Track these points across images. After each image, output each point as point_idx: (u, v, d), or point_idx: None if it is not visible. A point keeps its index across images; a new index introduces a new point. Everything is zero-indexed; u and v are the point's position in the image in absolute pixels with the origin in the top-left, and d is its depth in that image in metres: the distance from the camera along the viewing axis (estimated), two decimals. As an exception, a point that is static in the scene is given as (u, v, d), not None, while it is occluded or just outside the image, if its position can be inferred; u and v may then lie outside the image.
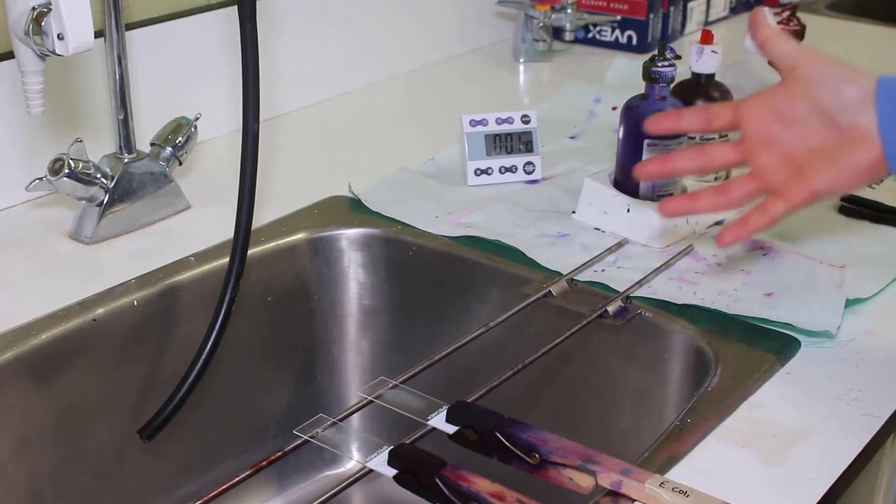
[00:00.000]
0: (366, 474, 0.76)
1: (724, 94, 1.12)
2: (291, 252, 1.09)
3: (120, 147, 1.06)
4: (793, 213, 0.85)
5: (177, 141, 1.09)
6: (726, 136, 1.12)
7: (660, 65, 1.05)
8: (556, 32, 1.64)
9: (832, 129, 0.83)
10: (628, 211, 1.07)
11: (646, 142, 1.05)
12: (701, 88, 1.12)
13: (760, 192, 0.86)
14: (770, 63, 0.88)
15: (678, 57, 1.07)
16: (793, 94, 0.85)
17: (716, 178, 1.13)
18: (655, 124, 0.91)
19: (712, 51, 1.11)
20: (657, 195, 1.07)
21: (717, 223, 1.10)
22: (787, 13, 1.25)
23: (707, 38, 1.11)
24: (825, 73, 0.83)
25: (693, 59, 1.12)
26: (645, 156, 1.06)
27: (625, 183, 1.08)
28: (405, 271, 1.11)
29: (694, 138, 1.11)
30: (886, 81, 0.82)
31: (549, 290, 0.99)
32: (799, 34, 1.24)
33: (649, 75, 1.06)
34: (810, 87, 0.84)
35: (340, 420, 0.80)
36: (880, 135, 0.81)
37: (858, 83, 0.82)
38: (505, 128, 1.20)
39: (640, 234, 1.07)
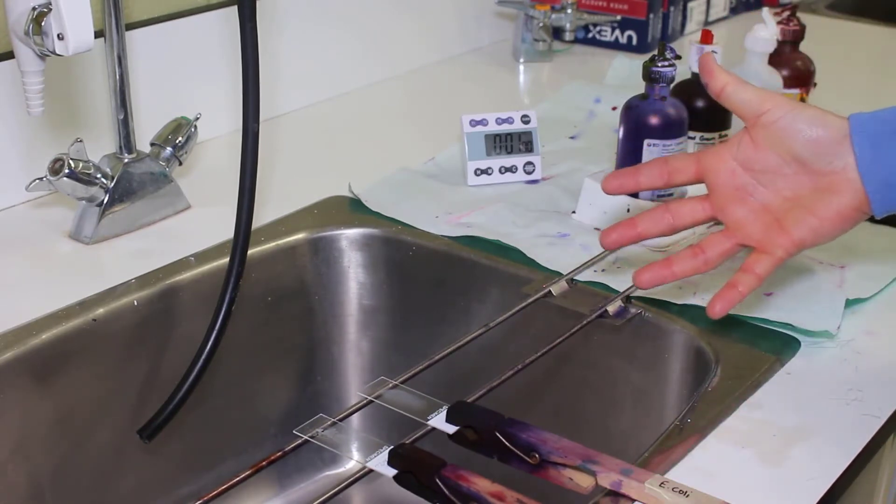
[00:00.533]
0: (366, 474, 0.76)
1: None
2: (291, 252, 1.09)
3: (120, 147, 1.06)
4: (778, 266, 0.82)
5: (177, 141, 1.09)
6: (726, 137, 1.12)
7: (660, 65, 1.05)
8: (556, 32, 1.64)
9: (806, 175, 0.80)
10: (628, 211, 1.07)
11: (646, 142, 1.05)
12: (701, 88, 1.11)
13: (739, 247, 0.83)
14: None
15: (678, 57, 1.07)
16: (759, 143, 0.80)
17: None
18: (611, 183, 0.85)
19: (712, 51, 1.11)
20: (657, 195, 1.07)
21: (718, 223, 1.10)
22: (786, 13, 1.24)
23: (707, 38, 1.11)
24: (793, 118, 0.79)
25: (693, 59, 1.12)
26: (645, 156, 1.06)
27: None
28: (405, 271, 1.11)
29: (693, 138, 1.11)
30: (858, 120, 0.78)
31: (549, 290, 0.99)
32: (799, 34, 1.24)
33: (649, 75, 1.06)
34: (778, 134, 0.79)
35: (340, 420, 0.80)
36: (861, 177, 0.78)
37: (829, 126, 0.79)
38: (505, 128, 1.20)
39: None
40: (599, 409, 1.04)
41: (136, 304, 0.97)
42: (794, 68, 1.22)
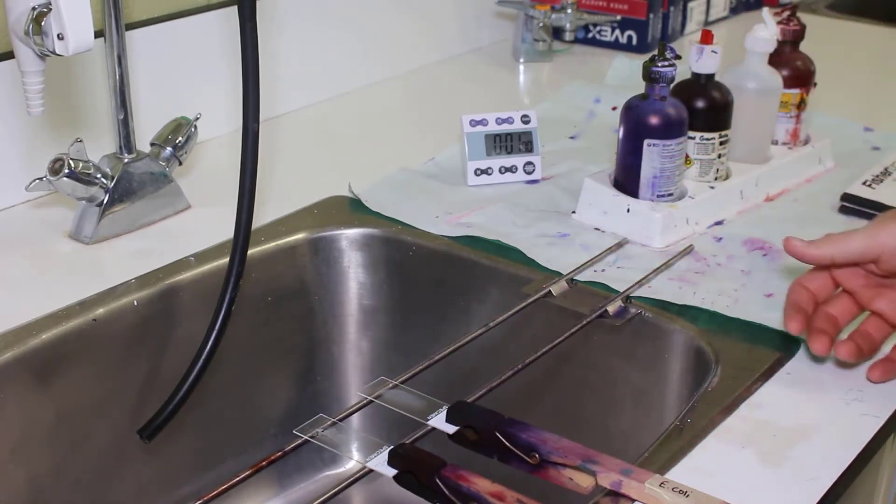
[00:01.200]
0: (366, 474, 0.76)
1: (725, 94, 1.12)
2: (291, 252, 1.09)
3: (120, 147, 1.06)
4: None
5: (177, 141, 1.09)
6: (726, 137, 1.12)
7: (660, 65, 1.05)
8: (556, 32, 1.64)
9: None
10: (628, 211, 1.07)
11: (646, 142, 1.05)
12: (701, 88, 1.12)
13: (892, 328, 0.90)
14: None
15: (678, 57, 1.07)
16: (885, 270, 0.86)
17: (716, 178, 1.12)
18: (818, 347, 0.88)
19: (712, 51, 1.11)
20: (656, 195, 1.07)
21: (718, 223, 1.10)
22: (787, 13, 1.24)
23: (707, 38, 1.11)
24: None
25: (693, 59, 1.12)
26: (645, 156, 1.06)
27: (625, 183, 1.08)
28: (405, 271, 1.11)
29: (693, 138, 1.10)
30: None
31: (549, 290, 0.99)
32: (799, 34, 1.23)
33: (649, 75, 1.06)
34: None
35: (340, 420, 0.80)
36: None
37: None
38: (505, 128, 1.20)
39: (640, 233, 1.07)
40: (599, 409, 1.03)
41: (136, 304, 0.97)
42: (794, 68, 1.21)
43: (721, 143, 1.12)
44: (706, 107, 1.11)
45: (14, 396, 0.89)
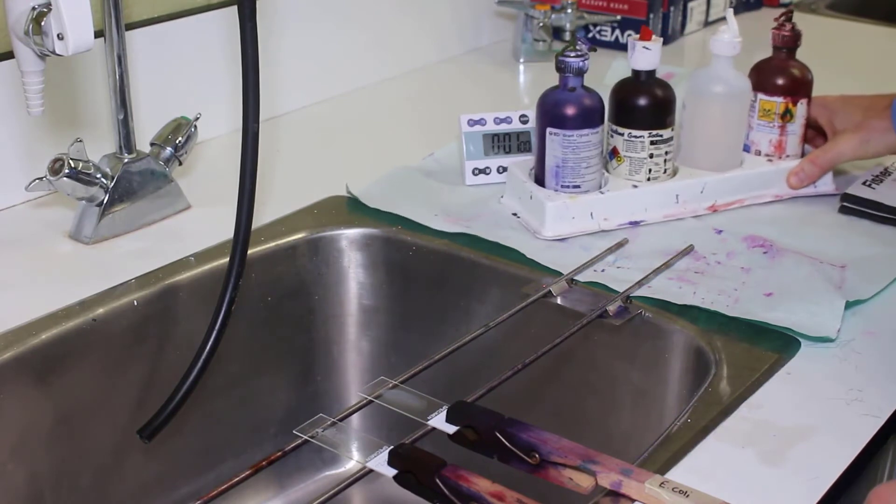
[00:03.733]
0: (366, 474, 0.76)
1: (666, 90, 1.10)
2: (291, 252, 1.09)
3: (120, 147, 1.06)
4: None
5: (177, 141, 1.09)
6: (658, 136, 1.10)
7: (568, 55, 1.05)
8: (556, 32, 1.64)
9: None
10: (531, 198, 1.09)
11: (547, 130, 1.06)
12: (640, 85, 1.09)
13: None
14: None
15: (593, 49, 1.07)
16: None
17: (648, 178, 1.11)
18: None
19: (644, 47, 1.08)
20: (560, 186, 1.08)
21: (634, 223, 1.10)
22: (783, 17, 1.18)
23: (645, 34, 1.08)
24: None
25: (629, 54, 1.10)
26: (547, 145, 1.07)
27: (538, 172, 1.10)
28: (405, 271, 1.11)
29: (622, 134, 1.09)
30: None
31: (549, 290, 0.99)
32: (790, 40, 1.13)
33: (557, 65, 1.06)
34: None
35: (340, 420, 0.80)
36: None
37: None
38: (503, 127, 1.20)
39: (534, 221, 1.08)
40: (599, 410, 1.03)
41: (136, 304, 0.97)
42: (789, 76, 1.15)
43: (652, 143, 1.09)
44: (637, 104, 1.09)
45: (14, 396, 0.89)
